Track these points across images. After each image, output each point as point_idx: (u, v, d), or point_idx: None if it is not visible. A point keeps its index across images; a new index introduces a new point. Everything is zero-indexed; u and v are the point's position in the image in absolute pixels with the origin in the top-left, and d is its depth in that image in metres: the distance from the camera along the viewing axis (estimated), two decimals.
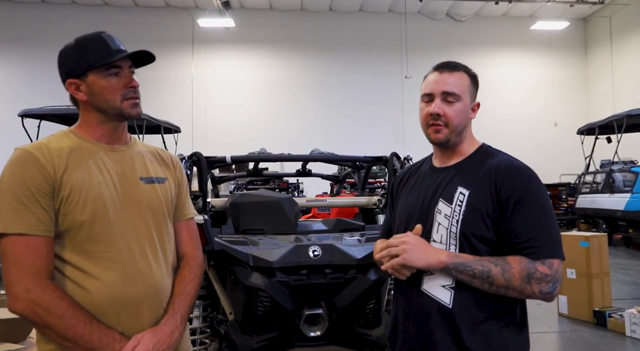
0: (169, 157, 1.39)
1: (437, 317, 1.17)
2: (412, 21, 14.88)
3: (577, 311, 4.46)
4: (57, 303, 1.06)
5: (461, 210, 1.17)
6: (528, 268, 1.09)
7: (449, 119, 1.23)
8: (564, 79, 15.54)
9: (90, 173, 1.16)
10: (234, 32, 14.18)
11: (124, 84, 1.20)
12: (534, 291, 1.09)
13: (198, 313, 2.42)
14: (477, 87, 1.31)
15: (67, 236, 1.12)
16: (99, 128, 1.22)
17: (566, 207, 12.93)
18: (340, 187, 4.73)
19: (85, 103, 1.21)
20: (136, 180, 1.24)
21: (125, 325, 1.14)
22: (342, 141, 13.31)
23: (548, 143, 14.75)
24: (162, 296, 1.22)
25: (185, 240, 1.36)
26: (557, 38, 15.27)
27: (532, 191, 1.16)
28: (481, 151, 1.29)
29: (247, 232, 2.38)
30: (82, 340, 1.06)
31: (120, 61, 1.20)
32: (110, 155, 1.22)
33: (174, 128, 10.40)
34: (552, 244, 1.13)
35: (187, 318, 1.28)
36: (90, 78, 1.18)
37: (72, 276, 1.12)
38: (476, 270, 1.10)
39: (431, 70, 1.29)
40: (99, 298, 1.11)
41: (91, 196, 1.13)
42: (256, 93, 14.51)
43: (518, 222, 1.13)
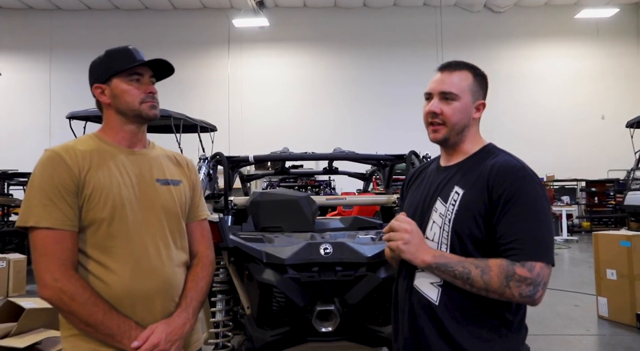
0: (185, 161, 1.48)
1: (425, 314, 1.19)
2: (448, 14, 14.53)
3: (618, 314, 4.26)
4: (81, 292, 1.16)
5: (454, 209, 1.19)
6: (507, 271, 1.08)
7: (446, 117, 1.24)
8: (612, 69, 14.67)
9: (110, 174, 1.25)
10: (268, 31, 14.38)
11: (143, 90, 1.31)
12: (513, 294, 1.08)
13: (221, 307, 2.51)
14: (483, 86, 1.30)
15: (89, 231, 1.22)
16: (120, 131, 1.33)
17: (614, 205, 12.29)
18: (368, 185, 4.72)
19: (108, 107, 1.33)
20: (153, 182, 1.33)
21: (139, 315, 1.23)
22: (376, 139, 13.21)
23: (595, 137, 14.00)
24: (173, 290, 1.30)
25: (198, 239, 1.44)
26: (605, 26, 14.42)
27: (524, 192, 1.14)
28: (484, 151, 1.28)
29: (266, 229, 2.44)
30: (102, 325, 1.16)
31: (141, 69, 1.32)
32: (130, 157, 1.32)
33: (211, 127, 10.67)
34: (537, 247, 1.10)
35: (198, 312, 1.35)
36: (114, 83, 1.30)
37: (93, 270, 1.22)
38: (457, 271, 1.11)
39: (435, 70, 1.32)
40: (116, 290, 1.21)
41: (111, 195, 1.23)
42: (291, 91, 14.66)
43: (504, 223, 1.12)
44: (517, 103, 14.14)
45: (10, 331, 2.65)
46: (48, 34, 14.51)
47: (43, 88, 14.31)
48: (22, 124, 14.05)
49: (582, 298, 5.01)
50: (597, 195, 12.69)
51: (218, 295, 2.47)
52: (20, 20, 14.57)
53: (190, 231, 1.42)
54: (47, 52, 14.45)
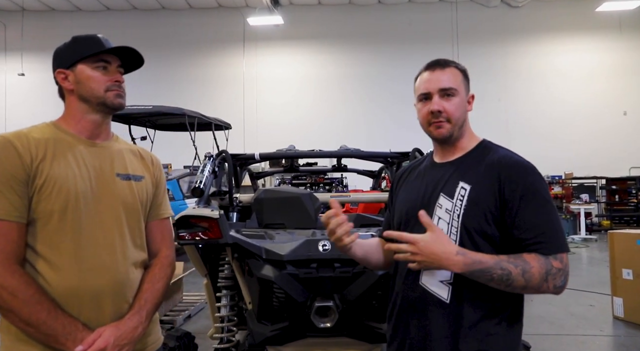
0: (150, 157, 1.42)
1: (434, 312, 1.18)
2: (464, 10, 14.33)
3: (634, 315, 4.17)
4: (23, 288, 1.08)
5: (462, 204, 1.18)
6: (546, 266, 1.10)
7: (450, 114, 1.25)
8: (635, 63, 14.22)
9: (66, 165, 1.18)
10: (283, 29, 14.43)
11: (109, 78, 1.25)
12: (548, 287, 1.11)
13: (226, 302, 2.56)
14: (468, 80, 1.32)
15: (39, 225, 1.15)
16: (82, 121, 1.26)
17: (636, 203, 11.96)
18: (376, 182, 4.72)
19: (70, 93, 1.26)
20: (112, 176, 1.26)
21: (87, 316, 1.15)
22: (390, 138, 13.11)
23: (616, 133, 13.63)
24: (127, 290, 1.23)
25: (158, 238, 1.37)
26: (628, 19, 13.99)
27: (537, 186, 1.17)
28: (481, 147, 1.30)
29: (269, 226, 2.48)
30: (44, 325, 1.08)
31: (108, 57, 1.26)
32: (90, 149, 1.25)
33: (225, 125, 10.76)
34: (560, 238, 1.15)
35: (153, 315, 1.29)
36: (79, 68, 1.24)
37: (39, 268, 1.14)
38: (495, 275, 1.09)
39: (422, 70, 1.31)
40: (60, 288, 1.13)
41: (65, 187, 1.16)
42: (305, 89, 14.69)
43: (525, 218, 1.14)
44: (536, 99, 13.88)
45: None
46: (69, 34, 14.56)
47: None
48: None
49: (598, 298, 4.91)
50: (618, 193, 12.36)
51: (223, 290, 2.52)
52: (42, 22, 14.96)
53: (150, 230, 1.36)
54: None
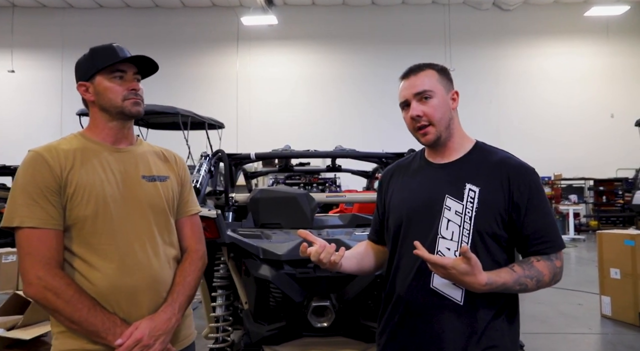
0: (173, 157, 1.48)
1: (448, 314, 1.18)
2: (456, 12, 14.44)
3: (621, 313, 4.25)
4: (65, 289, 1.17)
5: (473, 206, 1.19)
6: (553, 269, 1.18)
7: (430, 116, 1.25)
8: (622, 67, 14.47)
9: (94, 172, 1.26)
10: (276, 29, 14.41)
11: (126, 87, 1.31)
12: (550, 284, 1.20)
13: (221, 302, 2.56)
14: (449, 77, 1.32)
15: (74, 230, 1.24)
16: (105, 129, 1.33)
17: (622, 204, 12.16)
18: (370, 182, 4.75)
19: (92, 104, 1.33)
20: (138, 179, 1.33)
21: (125, 312, 1.24)
22: (383, 137, 13.17)
23: (604, 135, 13.84)
24: (161, 286, 1.31)
25: (188, 234, 1.44)
26: (615, 24, 14.23)
27: (540, 188, 1.24)
28: (478, 148, 1.31)
29: (266, 226, 2.49)
30: (86, 322, 1.17)
31: (124, 66, 1.31)
32: (115, 155, 1.32)
33: (218, 124, 10.72)
34: (559, 237, 1.23)
35: (186, 307, 1.36)
36: (97, 80, 1.30)
37: (78, 268, 1.23)
38: (513, 290, 1.17)
39: (399, 80, 1.34)
40: (100, 287, 1.21)
41: (94, 193, 1.24)
42: (299, 89, 14.69)
43: (533, 220, 1.20)
44: (525, 101, 14.04)
45: (17, 323, 2.74)
46: (60, 31, 14.69)
47: (55, 85, 14.49)
48: (34, 121, 14.27)
49: (586, 297, 4.99)
50: (606, 194, 12.57)
51: (218, 290, 2.52)
52: (33, 18, 14.77)
53: (180, 226, 1.43)
54: (60, 50, 14.62)
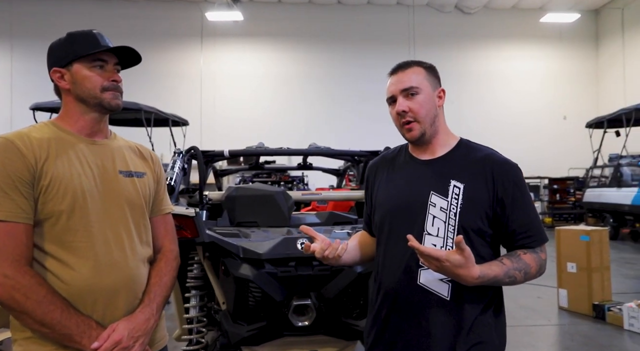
0: (149, 153, 1.42)
1: (436, 310, 1.19)
2: (420, 14, 14.78)
3: (577, 305, 4.49)
4: (36, 289, 1.07)
5: (458, 203, 1.20)
6: (539, 262, 1.21)
7: (415, 113, 1.26)
8: (574, 71, 15.32)
9: (70, 164, 1.18)
10: (242, 25, 14.22)
11: (106, 77, 1.23)
12: (536, 276, 1.22)
13: (195, 303, 2.49)
14: (436, 75, 1.34)
15: (46, 225, 1.14)
16: (80, 120, 1.24)
17: (574, 201, 12.83)
18: (341, 180, 4.77)
19: (67, 93, 1.24)
20: (115, 174, 1.26)
21: (101, 313, 1.17)
22: (350, 135, 13.30)
23: (557, 136, 14.60)
24: (137, 286, 1.25)
25: (162, 233, 1.39)
26: (568, 30, 15.04)
27: (523, 184, 1.27)
28: (462, 144, 1.32)
29: (242, 224, 2.44)
30: (59, 325, 1.09)
31: (105, 56, 1.24)
32: (91, 147, 1.24)
33: (182, 121, 10.48)
34: (542, 231, 1.25)
35: (162, 308, 1.31)
36: (75, 67, 1.22)
37: (50, 267, 1.14)
38: (502, 282, 1.18)
39: (388, 76, 1.36)
40: (75, 287, 1.14)
41: (71, 186, 1.15)
42: (264, 86, 14.57)
43: (518, 215, 1.22)
44: (484, 102, 14.57)
45: None
46: (8, 21, 13.85)
47: (4, 77, 13.69)
48: None
49: (544, 290, 5.23)
50: (559, 192, 13.21)
51: (192, 290, 2.45)
52: None
53: (154, 225, 1.38)
54: (8, 40, 13.81)
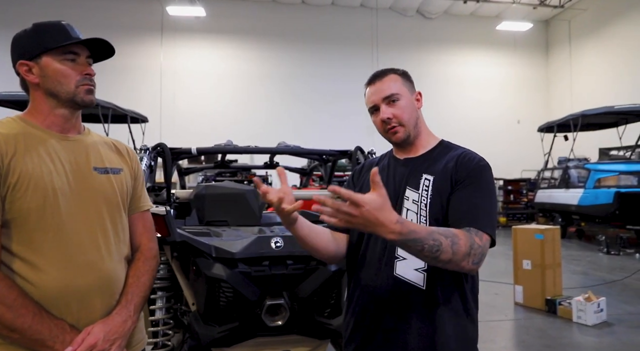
0: (125, 149, 1.37)
1: (412, 301, 1.22)
2: (383, 17, 15.04)
3: (531, 300, 4.71)
4: (6, 293, 1.03)
5: (428, 194, 1.24)
6: (470, 240, 1.10)
7: (399, 118, 1.31)
8: (526, 78, 16.11)
9: (40, 161, 1.12)
10: (204, 21, 13.92)
11: (79, 71, 1.18)
12: (468, 262, 1.10)
13: (161, 305, 2.41)
14: (410, 80, 1.38)
15: (14, 225, 1.08)
16: (50, 115, 1.18)
17: (526, 202, 13.47)
18: (308, 179, 4.77)
19: (36, 87, 1.17)
20: (90, 170, 1.21)
21: (76, 316, 1.12)
22: (313, 135, 13.33)
23: (511, 139, 15.27)
24: (114, 287, 1.20)
25: (140, 231, 1.35)
26: (521, 38, 15.80)
27: (481, 175, 1.24)
28: (442, 145, 1.37)
29: (212, 223, 2.39)
30: (30, 330, 1.04)
31: (77, 48, 1.18)
32: (63, 143, 1.18)
33: (142, 118, 10.16)
34: (488, 219, 1.17)
35: (141, 309, 1.26)
36: (45, 60, 1.15)
37: (18, 270, 1.08)
38: (426, 245, 1.04)
39: (365, 85, 1.38)
40: (46, 290, 1.08)
41: (41, 184, 1.10)
42: (226, 84, 14.34)
43: (461, 196, 1.20)
44: (443, 105, 15.00)
45: None
46: None
47: None
48: None
49: (501, 287, 5.46)
50: (513, 193, 13.84)
51: (158, 292, 2.37)
52: None
53: (132, 223, 1.33)
54: None
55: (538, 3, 14.56)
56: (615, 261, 7.36)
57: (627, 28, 12.84)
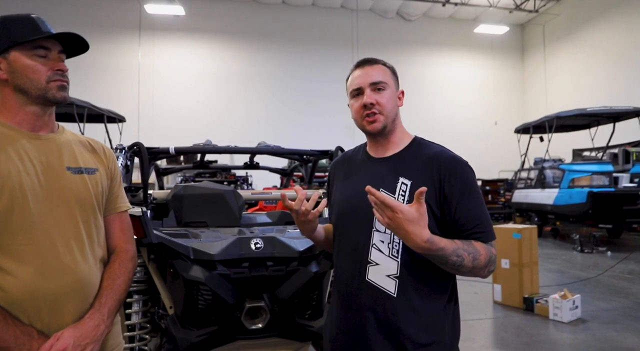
0: (101, 148, 1.33)
1: (383, 306, 1.20)
2: (363, 18, 15.13)
3: (509, 299, 4.78)
4: None
5: (405, 199, 1.21)
6: (489, 253, 1.18)
7: (382, 106, 1.27)
8: (503, 80, 16.45)
9: (8, 160, 1.08)
10: (183, 20, 13.74)
11: (50, 66, 1.14)
12: (484, 271, 1.19)
13: (138, 308, 2.35)
14: (397, 77, 1.37)
15: None
16: (20, 113, 1.14)
17: (504, 202, 13.72)
18: (288, 180, 4.73)
19: (4, 83, 1.14)
20: (62, 170, 1.17)
21: (46, 321, 1.08)
22: (293, 135, 13.32)
23: (489, 140, 15.57)
24: (88, 291, 1.16)
25: (117, 233, 1.31)
26: (498, 42, 16.13)
27: (472, 181, 1.25)
28: (416, 143, 1.34)
29: (190, 224, 2.33)
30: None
31: (48, 43, 1.14)
32: (34, 142, 1.14)
33: (119, 118, 9.96)
34: (491, 227, 1.25)
35: (116, 312, 1.23)
36: (13, 55, 1.11)
37: None
38: (450, 261, 1.13)
39: (353, 68, 1.34)
40: (14, 294, 1.04)
41: (8, 184, 1.06)
42: (205, 84, 14.18)
43: (464, 211, 1.20)
44: (422, 106, 15.19)
45: None
46: None
47: None
48: None
49: (481, 286, 5.53)
50: (490, 193, 14.08)
51: (134, 295, 2.31)
52: None
53: (108, 224, 1.29)
54: None
55: (514, 7, 14.89)
56: (589, 259, 7.56)
57: (599, 33, 13.25)
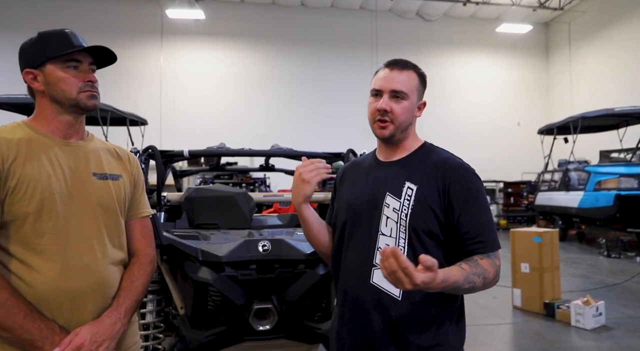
0: (127, 155, 1.41)
1: (386, 309, 1.20)
2: (382, 19, 15.04)
3: (529, 304, 4.67)
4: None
5: (410, 204, 1.20)
6: (495, 268, 1.18)
7: (395, 116, 1.26)
8: (526, 80, 16.08)
9: (40, 165, 1.16)
10: (204, 24, 13.94)
11: (82, 78, 1.23)
12: (492, 283, 1.19)
13: (152, 308, 2.40)
14: (425, 86, 1.34)
15: (12, 227, 1.13)
16: (54, 121, 1.23)
17: (526, 204, 13.42)
18: None
19: (41, 94, 1.23)
20: (89, 176, 1.25)
21: (67, 317, 1.15)
22: (313, 136, 13.33)
23: (511, 142, 15.23)
24: (107, 290, 1.23)
25: (138, 237, 1.38)
26: (521, 41, 15.77)
27: (478, 189, 1.24)
28: (424, 148, 1.33)
29: (201, 226, 2.37)
30: (21, 329, 1.07)
31: (79, 56, 1.22)
32: (65, 149, 1.23)
33: (141, 121, 10.18)
34: (495, 236, 1.24)
35: (133, 312, 1.29)
36: (48, 68, 1.21)
37: (14, 269, 1.12)
38: (462, 288, 1.12)
39: (382, 66, 1.31)
40: (40, 290, 1.12)
41: (39, 188, 1.14)
42: (226, 86, 14.35)
43: (468, 219, 1.19)
44: (443, 107, 14.97)
45: None
46: None
47: None
48: None
49: (500, 290, 5.42)
50: (513, 196, 13.79)
51: (149, 295, 2.37)
52: None
53: (130, 228, 1.37)
54: None
55: (537, 5, 14.55)
56: (616, 264, 7.31)
57: (627, 30, 12.82)
